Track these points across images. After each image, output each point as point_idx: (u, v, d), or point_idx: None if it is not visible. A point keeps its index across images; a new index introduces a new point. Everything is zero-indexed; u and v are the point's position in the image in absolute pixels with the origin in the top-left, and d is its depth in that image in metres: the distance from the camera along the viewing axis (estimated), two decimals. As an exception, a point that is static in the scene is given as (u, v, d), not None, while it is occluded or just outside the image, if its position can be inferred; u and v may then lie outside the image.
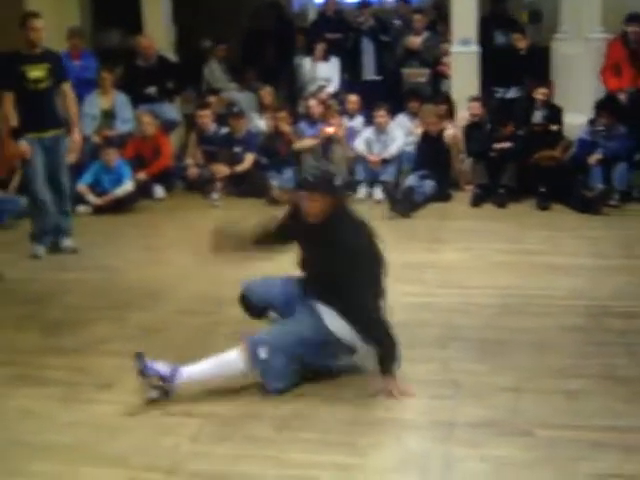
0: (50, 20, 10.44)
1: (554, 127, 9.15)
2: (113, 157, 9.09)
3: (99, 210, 8.88)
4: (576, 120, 9.36)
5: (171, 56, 11.05)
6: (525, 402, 4.27)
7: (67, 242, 7.53)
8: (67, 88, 7.42)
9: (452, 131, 9.40)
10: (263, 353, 4.30)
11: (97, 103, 9.91)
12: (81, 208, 8.86)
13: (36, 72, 7.09)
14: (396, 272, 6.49)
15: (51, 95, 7.27)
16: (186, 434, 4.02)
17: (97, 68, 10.16)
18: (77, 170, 9.13)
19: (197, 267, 6.87)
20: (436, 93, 10.57)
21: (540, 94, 9.31)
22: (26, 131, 7.07)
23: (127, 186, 9.01)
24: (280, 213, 4.76)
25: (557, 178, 8.66)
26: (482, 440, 3.91)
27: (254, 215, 8.51)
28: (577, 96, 9.76)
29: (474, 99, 9.70)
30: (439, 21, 11.48)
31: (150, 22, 10.94)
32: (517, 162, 8.97)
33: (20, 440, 4.04)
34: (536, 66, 10.12)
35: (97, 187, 9.07)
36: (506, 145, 9.13)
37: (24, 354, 5.12)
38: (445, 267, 6.67)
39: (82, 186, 8.94)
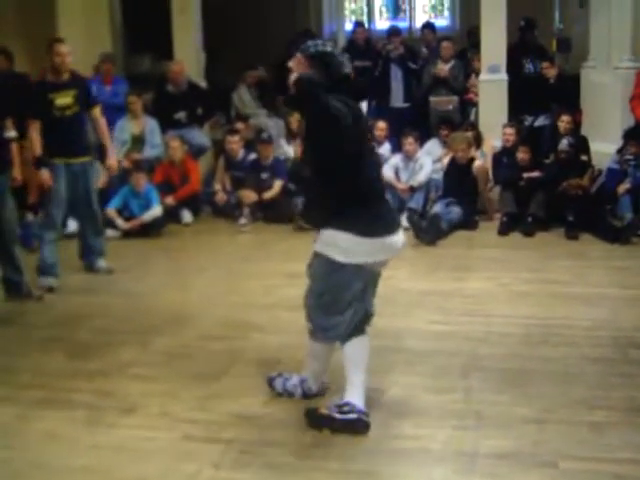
0: (82, 45, 10.66)
1: (583, 157, 9.13)
2: (142, 182, 9.17)
3: (127, 234, 8.95)
4: (605, 149, 9.34)
5: (201, 82, 11.15)
6: (548, 433, 4.23)
7: (101, 263, 7.62)
8: (97, 113, 7.49)
9: (480, 162, 9.38)
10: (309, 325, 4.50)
11: (127, 128, 10.00)
12: (109, 232, 8.92)
13: (63, 99, 7.12)
14: (420, 300, 6.57)
15: (78, 121, 7.28)
16: (208, 460, 4.02)
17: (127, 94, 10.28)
18: (106, 194, 9.24)
19: (223, 292, 6.91)
20: (464, 121, 10.59)
21: (563, 122, 9.31)
22: (52, 157, 7.12)
23: (155, 211, 9.08)
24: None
25: (585, 207, 8.63)
26: (505, 472, 3.88)
27: (281, 241, 8.68)
28: (606, 125, 9.74)
29: (508, 125, 9.70)
30: (470, 48, 11.51)
31: (181, 48, 11.05)
32: (545, 191, 8.95)
33: (42, 463, 4.06)
34: (565, 94, 10.13)
35: (125, 211, 9.15)
36: (535, 174, 9.12)
37: (50, 377, 5.15)
38: (469, 296, 6.65)
39: (111, 210, 9.01)
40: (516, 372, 5.04)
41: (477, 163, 9.31)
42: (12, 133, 6.97)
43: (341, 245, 4.18)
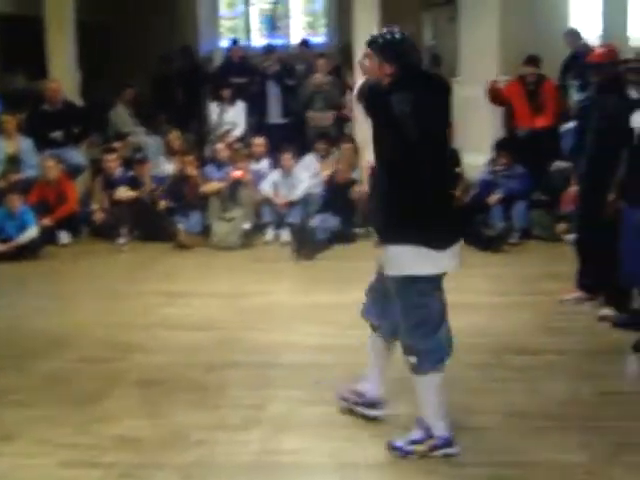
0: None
1: (456, 169, 9.36)
2: (17, 203, 8.95)
3: (3, 257, 8.70)
4: (476, 161, 9.60)
5: (77, 101, 10.98)
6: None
7: None
8: None
9: (361, 188, 9.40)
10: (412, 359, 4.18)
11: (1, 148, 9.78)
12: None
13: None
14: (300, 314, 6.61)
15: None
16: (89, 486, 3.98)
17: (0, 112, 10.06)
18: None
19: (102, 313, 6.82)
20: (341, 135, 10.71)
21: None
22: None
23: (31, 232, 8.88)
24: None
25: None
26: (387, 480, 3.97)
27: (161, 260, 8.62)
28: (477, 137, 10.02)
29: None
30: (344, 65, 11.68)
31: (56, 66, 10.85)
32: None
33: None
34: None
35: (1, 234, 8.92)
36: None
37: None
38: (349, 308, 6.64)
39: (-16, 233, 8.79)
40: (400, 380, 5.09)
41: (358, 189, 9.37)
42: None
43: (408, 259, 4.05)
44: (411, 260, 4.05)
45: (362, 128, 10.38)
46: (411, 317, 4.14)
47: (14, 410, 4.88)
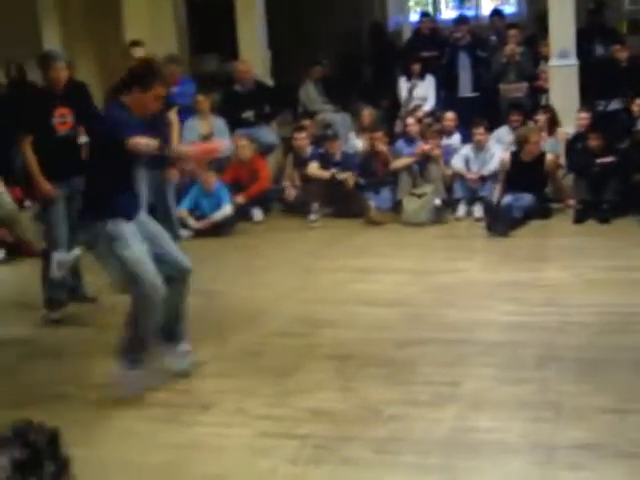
0: (148, 47, 10.79)
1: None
2: (212, 181, 9.23)
3: (199, 234, 9.02)
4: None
5: (267, 80, 11.19)
6: (628, 423, 4.14)
7: None
8: (171, 114, 7.58)
9: (552, 157, 9.11)
10: None
11: (196, 128, 10.08)
12: (182, 232, 9.01)
13: None
14: (494, 291, 6.50)
15: (157, 122, 7.37)
16: (283, 456, 4.03)
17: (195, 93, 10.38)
18: (177, 195, 9.33)
19: (295, 288, 6.93)
20: (535, 107, 10.39)
21: (637, 105, 9.12)
22: None
23: (226, 210, 9.13)
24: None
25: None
26: (584, 463, 3.81)
27: (352, 236, 8.66)
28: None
29: (583, 110, 9.49)
30: (539, 34, 11.31)
31: (246, 47, 11.11)
32: (621, 176, 8.76)
33: (121, 459, 4.12)
34: (638, 77, 9.91)
35: (197, 211, 9.22)
36: (609, 160, 8.92)
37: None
38: (544, 285, 6.54)
39: (182, 210, 9.08)
40: (594, 362, 4.94)
41: (549, 157, 9.06)
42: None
43: None
44: None
45: (557, 99, 10.12)
46: None
47: (212, 380, 5.05)
